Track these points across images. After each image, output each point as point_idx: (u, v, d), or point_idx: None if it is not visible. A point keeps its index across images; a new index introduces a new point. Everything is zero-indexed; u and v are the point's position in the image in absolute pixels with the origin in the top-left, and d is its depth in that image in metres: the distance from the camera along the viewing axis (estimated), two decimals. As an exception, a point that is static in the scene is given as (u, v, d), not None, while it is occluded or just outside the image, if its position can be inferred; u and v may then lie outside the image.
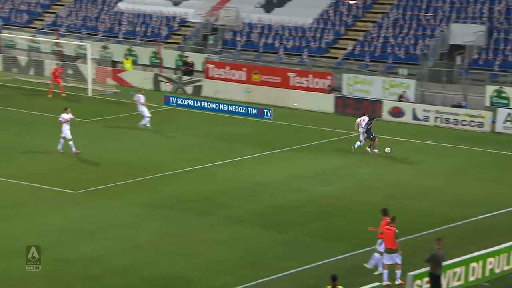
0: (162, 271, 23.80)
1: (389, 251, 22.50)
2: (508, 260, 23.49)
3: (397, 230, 22.34)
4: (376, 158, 36.20)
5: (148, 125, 39.78)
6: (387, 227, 22.56)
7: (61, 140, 35.20)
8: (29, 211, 28.61)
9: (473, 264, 22.73)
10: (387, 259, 22.51)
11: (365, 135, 36.16)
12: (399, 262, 22.50)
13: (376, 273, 22.92)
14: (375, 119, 37.29)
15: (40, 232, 26.53)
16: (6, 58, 54.60)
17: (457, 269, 22.38)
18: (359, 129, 36.35)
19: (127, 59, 52.39)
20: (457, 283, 22.38)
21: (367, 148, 36.28)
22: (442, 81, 45.54)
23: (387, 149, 35.70)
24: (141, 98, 40.13)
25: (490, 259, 23.12)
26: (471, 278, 22.73)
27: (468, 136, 39.77)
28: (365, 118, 36.45)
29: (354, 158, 36.22)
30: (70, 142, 35.02)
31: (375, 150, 36.01)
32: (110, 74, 51.22)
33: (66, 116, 35.23)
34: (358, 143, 36.34)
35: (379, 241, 22.96)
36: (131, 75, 51.41)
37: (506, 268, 23.50)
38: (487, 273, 23.06)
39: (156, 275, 23.42)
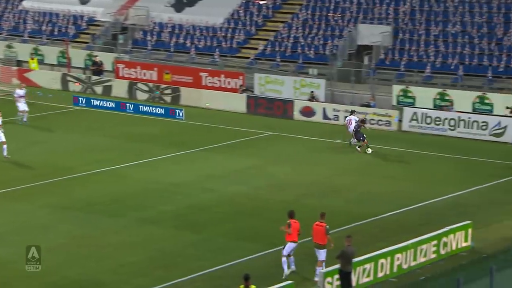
0: (74, 274, 23.63)
1: (318, 246, 23.03)
2: (414, 256, 24.14)
3: (327, 226, 22.86)
4: (289, 158, 36.67)
5: (25, 119, 39.13)
6: (317, 223, 23.04)
7: None
8: None
9: (382, 260, 23.26)
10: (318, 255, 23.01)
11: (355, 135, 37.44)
12: (323, 259, 22.95)
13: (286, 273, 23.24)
14: (365, 125, 37.90)
15: None
16: None
17: (367, 266, 22.87)
18: (349, 129, 37.81)
19: (32, 59, 51.56)
20: (366, 279, 22.88)
21: (357, 148, 37.26)
22: (351, 80, 46.32)
23: (369, 150, 36.74)
24: (21, 92, 39.38)
25: (398, 255, 23.69)
26: (380, 274, 23.26)
27: (376, 135, 40.53)
28: (352, 118, 37.99)
29: (267, 158, 36.56)
30: (4, 146, 34.36)
31: (369, 150, 36.85)
32: (16, 74, 50.29)
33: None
34: (354, 140, 37.71)
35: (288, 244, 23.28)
36: (38, 75, 50.65)
37: (413, 263, 24.12)
38: (395, 269, 23.65)
39: (67, 279, 23.24)
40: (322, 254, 23.05)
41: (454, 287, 19.19)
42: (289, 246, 23.33)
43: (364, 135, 37.05)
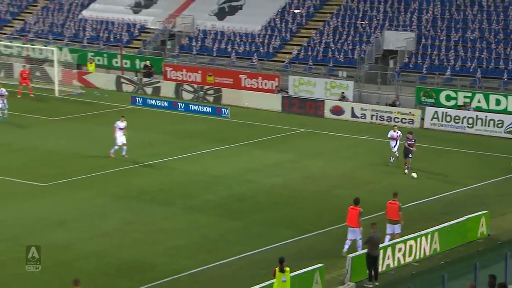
0: (128, 256, 23.85)
1: (392, 222, 23.91)
2: (435, 242, 24.07)
3: (400, 204, 23.99)
4: (321, 152, 36.64)
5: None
6: (390, 201, 24.13)
7: (116, 146, 34.16)
8: (3, 202, 28.36)
9: (400, 246, 23.21)
10: (389, 230, 23.93)
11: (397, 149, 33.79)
12: (399, 231, 23.91)
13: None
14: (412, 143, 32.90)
15: (14, 222, 26.37)
16: (-23, 62, 53.83)
17: (389, 252, 22.86)
18: (391, 143, 34.06)
19: (90, 63, 52.02)
20: (388, 262, 22.85)
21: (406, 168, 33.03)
22: (377, 82, 46.09)
23: (414, 175, 32.31)
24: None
25: (422, 241, 23.68)
26: (408, 259, 23.26)
27: (401, 132, 40.29)
28: (395, 134, 34.01)
29: (301, 152, 36.51)
30: (125, 147, 34.08)
31: (415, 174, 32.39)
32: (76, 76, 50.81)
33: (121, 124, 34.02)
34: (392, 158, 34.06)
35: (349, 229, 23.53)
36: (95, 77, 51.07)
37: (433, 249, 24.08)
38: (418, 255, 23.59)
39: (121, 260, 23.47)
40: (397, 229, 23.99)
41: (472, 271, 19.13)
42: (348, 231, 23.45)
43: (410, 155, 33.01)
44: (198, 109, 45.00)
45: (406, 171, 32.70)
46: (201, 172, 32.87)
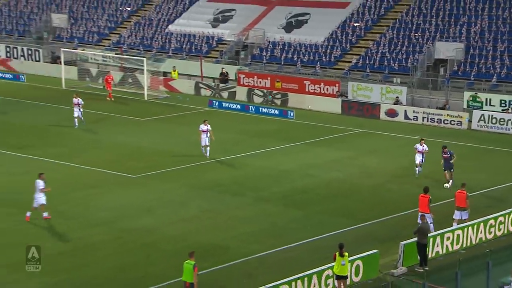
0: (204, 240, 23.98)
1: (459, 209, 23.97)
2: (481, 231, 23.49)
3: (467, 193, 24.05)
4: (376, 150, 36.17)
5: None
6: (459, 190, 24.30)
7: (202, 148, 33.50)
8: (100, 191, 28.89)
9: (449, 234, 22.74)
10: (457, 216, 23.99)
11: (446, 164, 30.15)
12: (467, 217, 23.82)
13: None
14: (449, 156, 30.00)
15: (108, 208, 26.84)
16: (80, 69, 54.99)
17: (438, 239, 22.41)
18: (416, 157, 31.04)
19: (174, 70, 52.60)
20: (437, 249, 22.39)
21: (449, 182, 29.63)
22: (429, 88, 45.23)
23: (446, 185, 29.43)
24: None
25: (468, 231, 23.14)
26: (456, 247, 22.76)
27: (450, 133, 39.55)
28: (420, 147, 31.02)
29: (358, 150, 36.11)
30: (208, 148, 33.53)
31: (448, 185, 29.42)
32: (162, 82, 51.47)
33: (204, 127, 33.40)
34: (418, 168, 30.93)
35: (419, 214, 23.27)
36: (178, 83, 51.63)
37: (479, 238, 23.50)
38: (465, 243, 23.06)
39: (199, 243, 23.55)
40: (464, 215, 23.98)
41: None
42: (419, 216, 23.18)
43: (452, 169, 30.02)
44: (267, 112, 44.98)
45: (446, 185, 29.24)
46: (269, 167, 32.81)
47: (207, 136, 33.57)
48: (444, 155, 30.27)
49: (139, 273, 21.32)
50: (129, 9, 61.97)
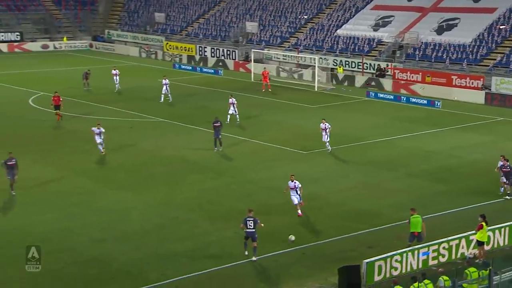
0: (361, 206, 23.59)
1: None
2: None
3: None
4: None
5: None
6: None
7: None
8: (277, 164, 29.18)
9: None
10: None
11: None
12: None
13: None
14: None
15: (283, 177, 27.12)
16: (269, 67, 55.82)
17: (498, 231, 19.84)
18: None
19: (339, 67, 52.02)
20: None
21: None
22: None
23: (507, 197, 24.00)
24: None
25: None
26: None
27: None
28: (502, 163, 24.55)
29: (499, 136, 33.59)
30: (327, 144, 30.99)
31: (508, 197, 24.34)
32: (329, 76, 51.05)
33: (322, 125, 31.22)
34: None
35: None
36: (345, 77, 50.95)
37: None
38: None
39: (357, 209, 23.28)
40: None
41: None
42: None
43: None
44: (416, 101, 43.15)
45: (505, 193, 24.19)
46: (418, 147, 31.54)
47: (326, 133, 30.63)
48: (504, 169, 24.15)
49: (308, 230, 21.33)
50: (306, 17, 62.09)
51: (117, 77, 45.44)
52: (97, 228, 21.06)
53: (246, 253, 19.07)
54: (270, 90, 46.66)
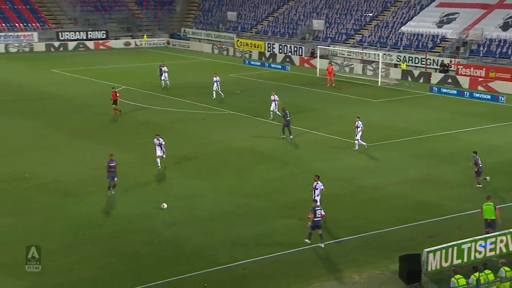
0: (422, 197, 23.05)
1: None
2: None
3: None
4: None
5: None
6: None
7: None
8: (339, 156, 28.72)
9: None
10: None
11: None
12: None
13: None
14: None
15: (346, 168, 26.78)
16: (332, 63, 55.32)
17: None
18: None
19: (403, 62, 50.72)
20: None
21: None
22: None
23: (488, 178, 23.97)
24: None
25: None
26: None
27: None
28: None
29: None
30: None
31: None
32: (392, 72, 49.87)
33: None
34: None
35: None
36: (407, 72, 49.70)
37: None
38: None
39: (417, 200, 22.79)
40: None
41: None
42: None
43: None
44: (480, 96, 41.55)
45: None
46: (480, 141, 30.39)
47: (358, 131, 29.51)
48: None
49: (369, 220, 21.03)
50: (371, 14, 60.86)
51: (166, 74, 43.50)
52: (171, 213, 21.58)
53: (309, 241, 18.98)
54: (334, 85, 46.14)
